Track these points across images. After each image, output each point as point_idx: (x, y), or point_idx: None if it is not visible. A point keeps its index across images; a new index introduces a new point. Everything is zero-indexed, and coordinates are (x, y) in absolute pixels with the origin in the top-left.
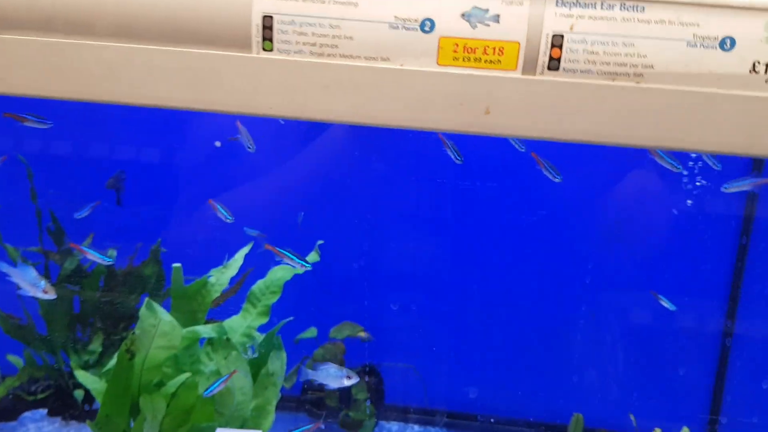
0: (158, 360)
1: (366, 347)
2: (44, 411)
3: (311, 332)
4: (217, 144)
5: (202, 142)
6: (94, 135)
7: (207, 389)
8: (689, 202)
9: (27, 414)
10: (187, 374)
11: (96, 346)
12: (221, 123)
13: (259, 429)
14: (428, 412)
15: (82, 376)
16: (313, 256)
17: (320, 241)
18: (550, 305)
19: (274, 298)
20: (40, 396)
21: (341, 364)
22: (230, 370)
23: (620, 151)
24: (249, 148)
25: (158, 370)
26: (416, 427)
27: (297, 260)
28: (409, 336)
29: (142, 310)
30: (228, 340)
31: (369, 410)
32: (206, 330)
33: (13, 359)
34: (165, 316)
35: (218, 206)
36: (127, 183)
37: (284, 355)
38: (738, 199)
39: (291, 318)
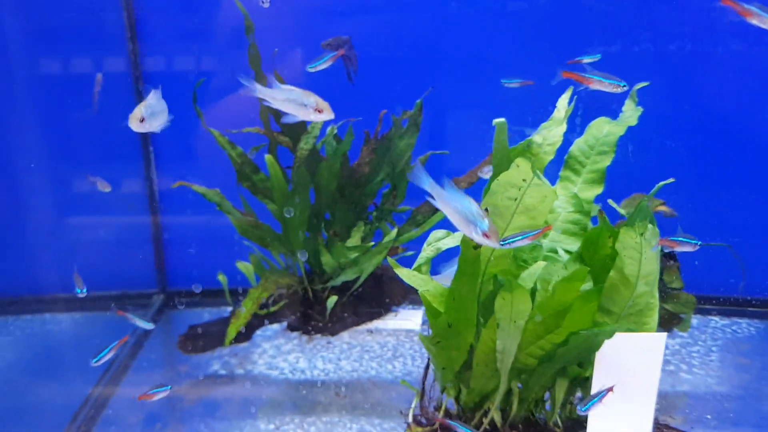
0: (510, 248)
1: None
2: (277, 326)
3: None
4: None
5: None
6: None
7: None
8: None
9: (257, 332)
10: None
11: (354, 241)
12: None
13: (642, 330)
14: (736, 301)
15: (407, 275)
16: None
17: (642, 84)
18: None
19: (607, 161)
20: (273, 308)
21: None
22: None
23: None
24: None
25: (504, 261)
26: (717, 319)
27: (610, 81)
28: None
29: (505, 177)
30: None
31: (689, 301)
32: (561, 203)
33: (243, 267)
34: (542, 180)
35: None
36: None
37: (655, 228)
38: None
39: (672, 179)
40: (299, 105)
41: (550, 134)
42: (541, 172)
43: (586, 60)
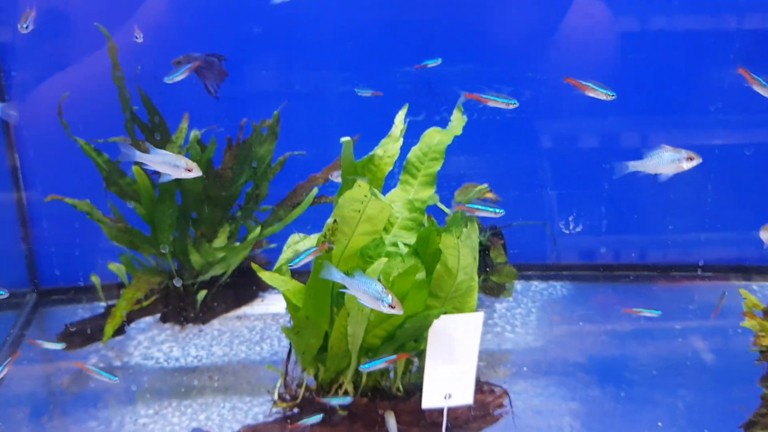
0: (357, 249)
1: None
2: (151, 319)
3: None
4: None
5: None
6: None
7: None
8: None
9: (131, 325)
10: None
11: (221, 241)
12: None
13: (465, 308)
14: (550, 267)
15: (269, 277)
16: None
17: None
18: None
19: (437, 166)
20: (145, 303)
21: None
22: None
23: None
24: None
25: (354, 260)
26: (537, 283)
27: (502, 99)
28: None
29: (350, 194)
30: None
31: (511, 273)
32: (397, 208)
33: (115, 268)
34: (379, 196)
35: None
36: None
37: (477, 225)
38: None
39: (486, 185)
40: (173, 166)
41: (389, 148)
42: (382, 180)
43: (430, 64)
